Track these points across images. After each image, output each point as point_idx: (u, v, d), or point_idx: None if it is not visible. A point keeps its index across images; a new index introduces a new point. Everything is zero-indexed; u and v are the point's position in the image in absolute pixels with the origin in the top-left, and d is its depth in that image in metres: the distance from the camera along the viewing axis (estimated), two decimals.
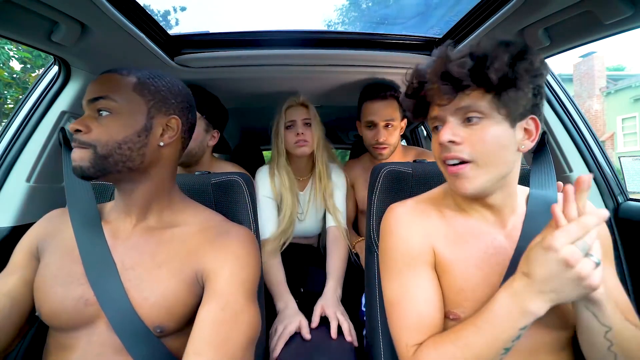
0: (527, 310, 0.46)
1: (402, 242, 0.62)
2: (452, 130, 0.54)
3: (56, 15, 0.69)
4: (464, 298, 0.57)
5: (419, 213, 0.64)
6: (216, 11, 34.04)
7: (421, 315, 0.56)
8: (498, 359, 0.49)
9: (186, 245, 0.62)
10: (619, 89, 12.71)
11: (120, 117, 0.57)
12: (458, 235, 0.61)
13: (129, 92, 0.58)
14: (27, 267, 0.62)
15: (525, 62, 0.50)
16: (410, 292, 0.58)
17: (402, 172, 0.87)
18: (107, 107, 0.57)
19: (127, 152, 0.58)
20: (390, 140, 1.25)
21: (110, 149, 0.56)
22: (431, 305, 0.57)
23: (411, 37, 1.10)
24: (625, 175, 1.11)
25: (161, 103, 0.61)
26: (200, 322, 0.54)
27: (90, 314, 0.57)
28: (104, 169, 0.57)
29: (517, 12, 0.74)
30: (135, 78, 0.60)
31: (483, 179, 0.54)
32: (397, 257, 0.61)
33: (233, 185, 0.84)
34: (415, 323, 0.56)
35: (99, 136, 0.56)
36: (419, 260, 0.60)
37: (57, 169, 0.95)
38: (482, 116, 0.52)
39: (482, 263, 0.58)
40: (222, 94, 1.39)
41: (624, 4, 0.64)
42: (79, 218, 0.64)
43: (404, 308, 0.58)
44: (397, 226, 0.63)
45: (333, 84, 1.35)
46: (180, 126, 0.64)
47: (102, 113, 0.57)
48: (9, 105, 6.82)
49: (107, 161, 0.57)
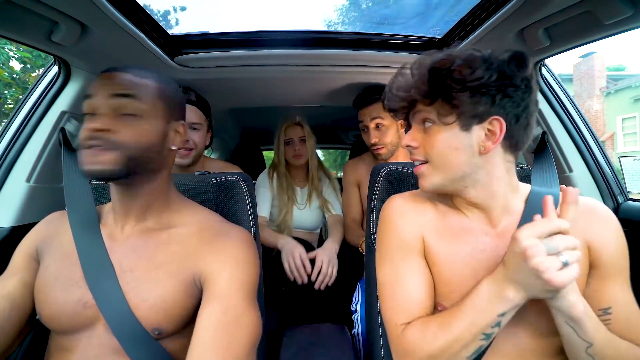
0: (504, 296, 0.49)
1: (396, 229, 0.65)
2: (412, 135, 0.61)
3: (56, 15, 0.69)
4: (450, 290, 0.59)
5: (415, 204, 0.66)
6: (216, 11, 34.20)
7: (411, 297, 0.59)
8: (477, 343, 0.51)
9: (184, 246, 0.62)
10: (619, 89, 12.71)
11: (146, 121, 0.58)
12: (449, 229, 0.62)
13: (153, 97, 0.59)
14: (26, 269, 0.62)
15: (451, 74, 0.53)
16: (400, 276, 0.62)
17: (402, 172, 0.87)
18: (135, 108, 0.57)
19: (151, 155, 0.59)
20: (385, 140, 1.28)
21: (139, 152, 0.57)
22: (421, 290, 0.60)
23: (411, 37, 1.10)
24: (625, 175, 1.11)
25: (173, 109, 0.63)
26: (202, 327, 0.53)
27: (89, 316, 0.57)
28: (129, 172, 0.57)
29: (517, 12, 0.74)
30: (156, 83, 0.60)
31: (437, 178, 0.59)
32: (391, 243, 0.65)
33: (233, 185, 0.84)
34: (405, 304, 0.59)
35: (128, 138, 0.55)
36: (411, 248, 0.63)
37: (57, 169, 0.95)
38: (432, 122, 0.58)
39: (470, 259, 0.59)
40: (222, 94, 1.39)
41: (624, 4, 0.64)
42: (77, 220, 0.64)
43: (395, 290, 0.61)
44: (394, 215, 0.66)
45: (333, 84, 1.35)
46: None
47: (128, 114, 0.56)
48: (9, 105, 6.82)
49: (134, 163, 0.57)
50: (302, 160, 1.52)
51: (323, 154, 11.95)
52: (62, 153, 0.81)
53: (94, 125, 0.54)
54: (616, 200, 1.01)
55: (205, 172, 0.88)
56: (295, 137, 1.50)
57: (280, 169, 1.54)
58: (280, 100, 1.56)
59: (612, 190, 1.02)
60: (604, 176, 1.03)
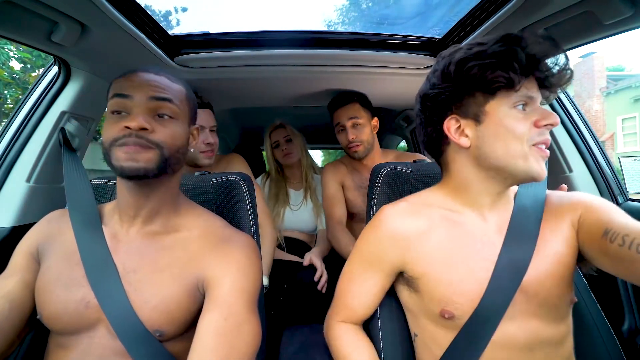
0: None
1: (373, 244, 0.67)
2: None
3: (56, 15, 0.69)
4: (453, 292, 0.58)
5: (406, 218, 0.65)
6: (216, 11, 34.13)
7: (354, 304, 0.70)
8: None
9: (188, 251, 0.62)
10: (619, 89, 12.71)
11: (179, 124, 0.61)
12: (445, 231, 0.62)
13: (183, 102, 0.62)
14: (26, 269, 0.62)
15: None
16: (356, 283, 0.69)
17: (402, 172, 0.87)
18: (172, 111, 0.59)
19: (180, 156, 0.62)
20: (361, 137, 1.33)
21: (173, 152, 0.59)
22: (363, 302, 0.69)
23: (411, 37, 1.10)
24: (625, 176, 1.11)
25: (193, 113, 0.67)
26: (203, 332, 0.53)
27: (91, 316, 0.57)
28: (161, 171, 0.58)
29: (517, 12, 0.74)
30: (183, 88, 0.64)
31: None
32: (363, 253, 0.69)
33: (233, 186, 0.84)
34: (348, 306, 0.70)
35: (164, 138, 0.57)
36: (378, 267, 0.67)
37: (57, 169, 0.95)
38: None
39: (467, 258, 0.60)
40: (222, 94, 1.39)
41: (624, 4, 0.64)
42: (79, 220, 0.64)
43: (347, 291, 0.71)
44: (378, 228, 0.66)
45: (333, 84, 1.35)
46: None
47: (164, 116, 0.59)
48: (9, 105, 6.82)
49: (167, 163, 0.58)
50: (293, 159, 1.59)
51: (323, 154, 11.97)
52: (63, 153, 0.81)
53: (133, 124, 0.54)
54: (616, 200, 1.01)
55: (205, 172, 0.88)
56: (280, 139, 1.59)
57: (272, 175, 1.63)
58: (281, 101, 1.56)
59: (612, 190, 1.02)
60: (604, 176, 1.03)
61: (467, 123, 0.59)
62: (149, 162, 0.56)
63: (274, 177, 1.63)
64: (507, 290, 0.57)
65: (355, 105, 1.34)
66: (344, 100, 1.35)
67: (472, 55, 0.55)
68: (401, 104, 1.72)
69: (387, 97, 1.52)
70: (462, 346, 0.58)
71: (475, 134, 0.58)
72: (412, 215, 0.65)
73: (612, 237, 0.53)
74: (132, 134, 0.55)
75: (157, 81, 0.59)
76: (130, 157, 0.55)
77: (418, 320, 0.66)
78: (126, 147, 0.55)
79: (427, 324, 0.63)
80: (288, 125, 1.61)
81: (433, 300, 0.60)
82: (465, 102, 0.58)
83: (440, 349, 0.61)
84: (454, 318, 0.58)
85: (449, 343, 0.60)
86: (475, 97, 0.57)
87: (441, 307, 0.59)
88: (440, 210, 0.65)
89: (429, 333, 0.63)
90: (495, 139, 0.56)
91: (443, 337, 0.61)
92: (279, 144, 1.59)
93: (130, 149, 0.55)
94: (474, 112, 0.57)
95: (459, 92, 0.58)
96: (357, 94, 1.38)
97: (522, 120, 0.55)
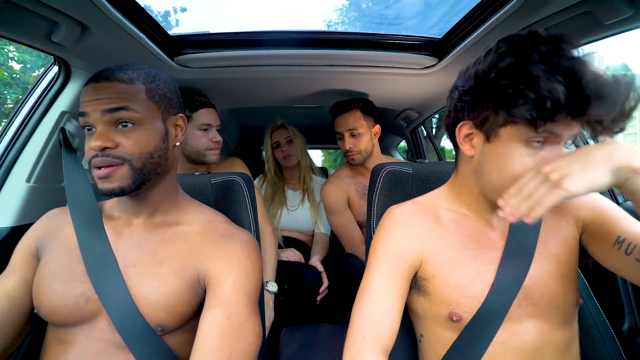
0: None
1: (390, 243, 0.64)
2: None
3: (56, 15, 0.69)
4: (461, 295, 0.58)
5: (416, 216, 0.65)
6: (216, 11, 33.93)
7: (383, 323, 0.58)
8: None
9: (188, 244, 0.62)
10: None
11: (144, 128, 0.57)
12: (453, 232, 0.62)
13: (144, 101, 0.58)
14: (26, 267, 0.62)
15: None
16: (378, 301, 0.60)
17: (402, 172, 0.86)
18: (131, 118, 0.56)
19: (158, 159, 0.59)
20: (359, 147, 1.33)
21: (145, 161, 0.57)
22: (389, 321, 0.58)
23: (411, 37, 1.10)
24: None
25: (168, 104, 0.62)
26: (205, 331, 0.54)
27: (91, 310, 0.57)
28: (141, 183, 0.57)
29: (517, 12, 0.74)
30: (143, 85, 0.58)
31: None
32: (382, 256, 0.63)
33: (233, 185, 0.84)
34: (374, 327, 0.57)
35: (131, 149, 0.56)
36: (401, 265, 0.61)
37: (57, 169, 0.95)
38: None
39: (474, 261, 0.60)
40: (222, 94, 1.39)
41: (624, 4, 0.64)
42: (79, 217, 0.64)
43: (372, 310, 0.59)
44: (390, 227, 0.65)
45: (333, 84, 1.35)
46: (185, 122, 0.66)
47: (126, 125, 0.56)
48: (9, 105, 6.82)
49: (143, 173, 0.57)
50: (293, 161, 1.59)
51: (323, 154, 11.97)
52: (63, 153, 0.81)
53: (96, 144, 0.54)
54: (616, 200, 1.01)
55: (205, 172, 0.88)
56: (281, 139, 1.58)
57: (269, 176, 1.62)
58: (281, 100, 1.56)
59: (612, 190, 1.02)
60: None
61: (477, 134, 0.55)
62: (123, 180, 0.55)
63: (271, 178, 1.62)
64: (508, 292, 0.57)
65: (356, 113, 1.33)
66: (344, 107, 1.34)
67: (515, 70, 0.47)
68: (401, 104, 1.72)
69: (387, 97, 1.52)
70: (464, 346, 0.58)
71: (481, 150, 0.55)
72: (421, 214, 0.65)
73: (629, 250, 0.52)
74: (97, 154, 0.55)
75: (109, 89, 0.55)
76: (104, 179, 0.55)
77: (425, 322, 0.65)
78: (97, 171, 0.55)
79: (433, 325, 0.63)
80: (290, 126, 1.60)
81: (442, 304, 0.60)
82: (486, 114, 0.52)
83: (445, 350, 0.61)
84: (461, 320, 0.58)
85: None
86: (497, 116, 0.51)
87: (450, 309, 0.59)
88: (447, 212, 0.64)
89: (435, 334, 0.63)
90: (494, 166, 0.53)
91: (449, 337, 0.61)
92: (280, 144, 1.59)
93: (102, 171, 0.55)
94: (488, 129, 0.53)
95: (481, 102, 0.52)
96: (360, 100, 1.36)
97: (528, 160, 0.50)
